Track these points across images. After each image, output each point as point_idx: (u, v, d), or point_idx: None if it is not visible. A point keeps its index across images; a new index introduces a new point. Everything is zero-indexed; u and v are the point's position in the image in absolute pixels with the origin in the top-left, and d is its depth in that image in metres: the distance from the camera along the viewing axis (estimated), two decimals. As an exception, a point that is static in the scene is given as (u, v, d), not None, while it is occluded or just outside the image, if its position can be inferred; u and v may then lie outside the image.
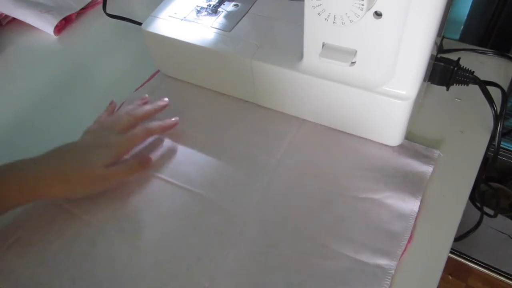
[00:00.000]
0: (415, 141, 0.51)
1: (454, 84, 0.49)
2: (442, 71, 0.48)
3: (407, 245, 0.42)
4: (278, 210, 0.47)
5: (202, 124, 0.55)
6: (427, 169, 0.48)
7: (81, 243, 0.46)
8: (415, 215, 0.44)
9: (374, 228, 0.44)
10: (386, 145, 0.50)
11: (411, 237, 0.43)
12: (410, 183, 0.47)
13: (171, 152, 0.53)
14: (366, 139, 0.51)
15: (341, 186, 0.47)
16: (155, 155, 0.52)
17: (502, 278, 1.10)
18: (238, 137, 0.53)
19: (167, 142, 0.54)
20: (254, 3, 0.56)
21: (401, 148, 0.50)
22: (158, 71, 0.62)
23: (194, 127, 0.55)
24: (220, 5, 0.56)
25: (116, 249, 0.45)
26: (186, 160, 0.52)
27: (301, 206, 0.47)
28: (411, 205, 0.45)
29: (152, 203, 0.49)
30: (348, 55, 0.44)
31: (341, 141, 0.52)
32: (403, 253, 0.42)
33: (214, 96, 0.58)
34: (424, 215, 0.45)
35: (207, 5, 0.56)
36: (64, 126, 0.58)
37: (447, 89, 0.49)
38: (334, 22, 0.40)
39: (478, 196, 0.58)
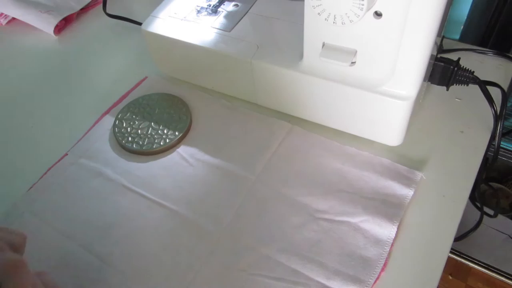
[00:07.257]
0: (415, 141, 0.51)
1: (454, 84, 0.49)
2: (442, 71, 0.48)
3: (380, 273, 0.41)
4: (250, 231, 0.45)
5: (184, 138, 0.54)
6: (408, 192, 0.46)
7: (51, 257, 0.45)
8: (391, 241, 0.43)
9: (348, 254, 0.43)
10: (367, 164, 0.49)
11: (385, 264, 0.42)
12: (389, 207, 0.45)
13: (148, 165, 0.52)
14: (348, 156, 0.50)
15: (318, 207, 0.46)
16: (132, 169, 0.51)
17: (502, 278, 1.10)
18: (217, 150, 0.52)
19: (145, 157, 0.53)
20: (254, 3, 0.56)
21: (383, 169, 0.49)
22: (135, 86, 0.61)
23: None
24: (220, 5, 0.56)
25: (84, 263, 0.44)
26: (163, 173, 0.51)
27: (275, 227, 0.45)
28: (387, 231, 0.44)
29: (124, 217, 0.47)
30: (348, 55, 0.44)
31: (321, 161, 0.50)
32: (375, 281, 0.41)
33: (201, 105, 0.57)
34: (424, 215, 0.45)
35: (207, 5, 0.56)
36: (63, 126, 0.58)
37: (447, 89, 0.49)
38: (334, 22, 0.40)
39: (478, 196, 0.58)
